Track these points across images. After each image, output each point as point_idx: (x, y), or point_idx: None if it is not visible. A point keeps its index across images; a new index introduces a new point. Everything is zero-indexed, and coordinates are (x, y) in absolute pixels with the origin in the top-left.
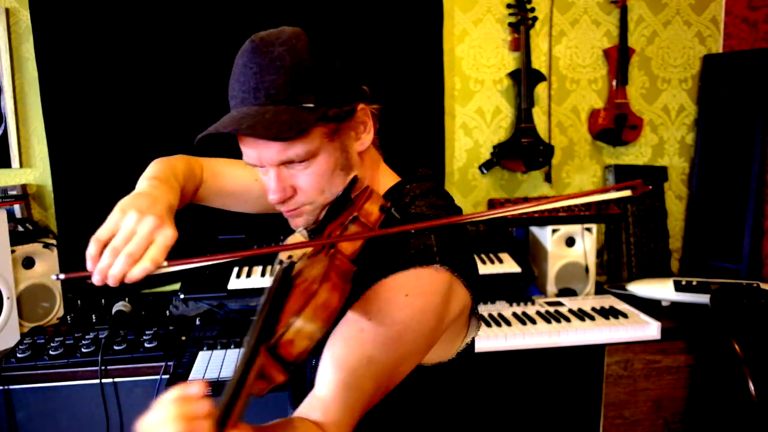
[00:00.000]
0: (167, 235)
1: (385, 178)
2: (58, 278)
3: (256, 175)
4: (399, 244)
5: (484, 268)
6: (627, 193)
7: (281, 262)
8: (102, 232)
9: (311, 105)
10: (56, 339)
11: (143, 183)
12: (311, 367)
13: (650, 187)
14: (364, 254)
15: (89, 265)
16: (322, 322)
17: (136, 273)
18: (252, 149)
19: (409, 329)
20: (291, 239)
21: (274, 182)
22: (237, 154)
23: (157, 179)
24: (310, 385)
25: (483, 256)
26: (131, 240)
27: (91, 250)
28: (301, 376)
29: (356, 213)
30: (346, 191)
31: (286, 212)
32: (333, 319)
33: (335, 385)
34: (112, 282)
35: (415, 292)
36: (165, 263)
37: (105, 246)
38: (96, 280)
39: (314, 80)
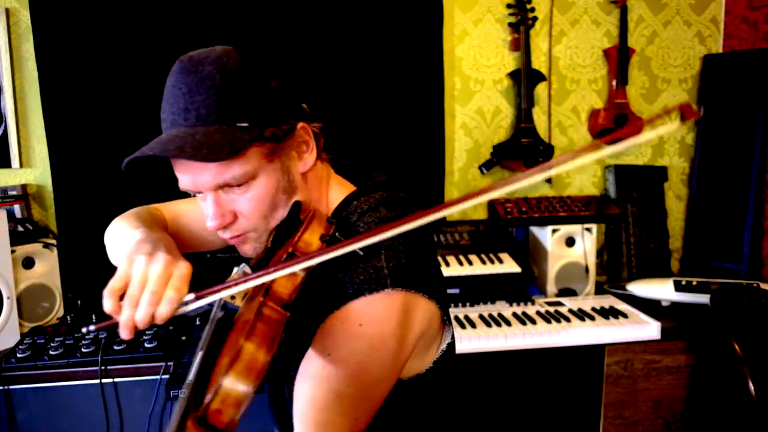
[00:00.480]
0: (182, 267)
1: (335, 194)
2: (88, 331)
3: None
4: (348, 270)
5: (484, 268)
6: (675, 125)
7: (225, 305)
8: (114, 283)
9: (245, 124)
10: (56, 339)
11: (133, 234)
12: (288, 389)
13: (700, 112)
14: (310, 285)
15: (113, 318)
16: (249, 383)
17: (163, 311)
18: (186, 174)
19: (370, 357)
20: (233, 275)
21: (212, 208)
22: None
23: (143, 227)
24: (290, 404)
25: (483, 256)
26: (148, 282)
27: (108, 306)
28: (280, 396)
29: (291, 249)
30: (289, 217)
31: (230, 240)
32: (261, 378)
33: (309, 425)
34: (141, 327)
35: (369, 320)
36: (191, 295)
37: (121, 297)
38: (124, 334)
39: (247, 99)
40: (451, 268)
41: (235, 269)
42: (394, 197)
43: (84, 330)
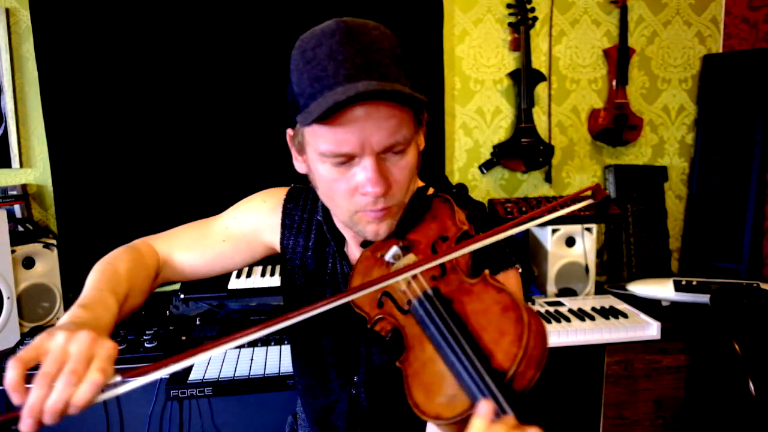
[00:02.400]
0: (107, 346)
1: (419, 184)
2: None
3: (223, 234)
4: (479, 252)
5: None
6: (587, 201)
7: (424, 294)
8: (25, 353)
9: (410, 85)
10: None
11: (67, 315)
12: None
13: (607, 192)
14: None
15: (14, 398)
16: (542, 348)
17: (82, 395)
18: (357, 133)
19: None
20: (400, 262)
21: (374, 172)
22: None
23: (83, 307)
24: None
25: None
26: (67, 360)
27: (11, 375)
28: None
29: (465, 227)
30: (422, 198)
31: (375, 212)
32: (547, 342)
33: None
34: (49, 418)
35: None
36: (117, 377)
37: (27, 369)
38: (26, 425)
39: (407, 69)
40: None
41: (390, 253)
42: (464, 189)
43: None
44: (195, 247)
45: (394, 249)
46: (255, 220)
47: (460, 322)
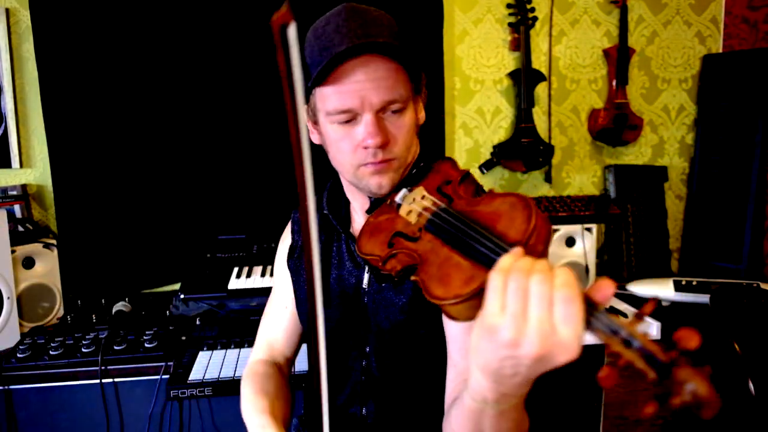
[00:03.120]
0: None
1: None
2: None
3: (283, 304)
4: None
5: None
6: None
7: (439, 208)
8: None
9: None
10: (56, 339)
11: None
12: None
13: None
14: None
15: None
16: (546, 230)
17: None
18: (357, 91)
19: None
20: (408, 197)
21: (372, 126)
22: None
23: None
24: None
25: None
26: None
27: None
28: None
29: (467, 170)
30: (425, 159)
31: (376, 164)
32: (550, 223)
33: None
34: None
35: None
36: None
37: None
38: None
39: (404, 44)
40: None
41: (400, 195)
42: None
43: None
44: (279, 330)
45: (403, 191)
46: (282, 264)
47: (475, 221)
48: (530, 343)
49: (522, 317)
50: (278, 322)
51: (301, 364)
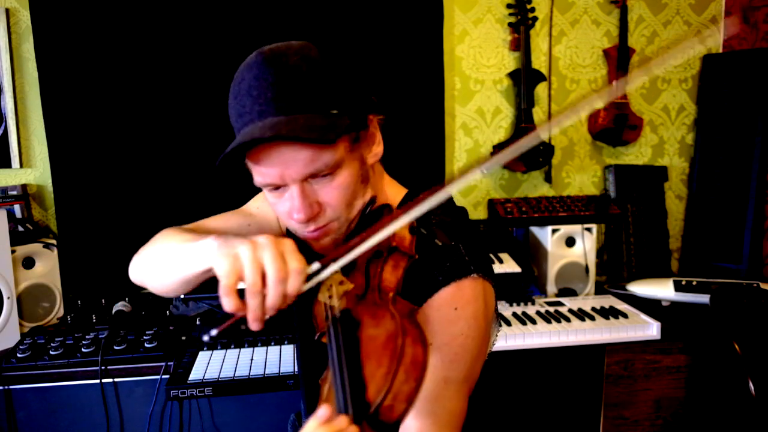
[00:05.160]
0: (288, 242)
1: (393, 190)
2: (210, 337)
3: (248, 219)
4: (433, 262)
5: None
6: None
7: (326, 306)
8: (227, 281)
9: (336, 112)
10: (56, 339)
11: (201, 243)
12: None
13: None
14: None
15: (239, 313)
16: (416, 381)
17: (293, 286)
18: (273, 167)
19: (469, 338)
20: (328, 281)
21: (298, 199)
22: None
23: (203, 235)
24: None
25: None
26: (265, 265)
27: (229, 304)
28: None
29: (394, 243)
30: (368, 211)
31: (311, 233)
32: (425, 372)
33: (426, 419)
34: (272, 312)
35: (462, 302)
36: (316, 264)
37: (237, 292)
38: (255, 326)
39: (334, 89)
40: None
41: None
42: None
43: (205, 338)
44: (224, 228)
45: (314, 266)
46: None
47: (354, 349)
48: None
49: None
50: (228, 222)
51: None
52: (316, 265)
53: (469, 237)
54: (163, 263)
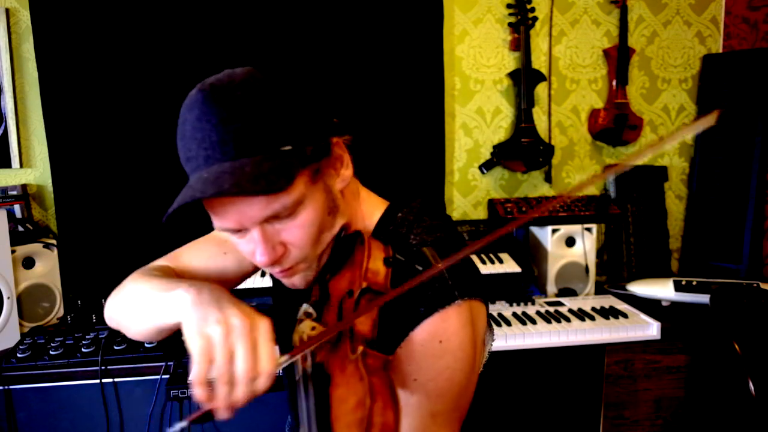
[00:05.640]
0: (263, 326)
1: (369, 208)
2: (181, 429)
3: (224, 247)
4: (413, 291)
5: (485, 268)
6: (711, 122)
7: (303, 362)
8: (199, 368)
9: (289, 148)
10: (56, 339)
11: (174, 295)
12: None
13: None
14: (381, 314)
15: (206, 405)
16: None
17: (262, 385)
18: (228, 213)
19: (456, 370)
20: (300, 327)
21: (261, 244)
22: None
23: (180, 281)
24: None
25: (483, 256)
26: (236, 358)
27: (199, 395)
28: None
29: (365, 283)
30: (339, 245)
31: (279, 273)
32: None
33: None
34: (242, 404)
35: (447, 335)
36: (284, 357)
37: (206, 382)
38: (225, 415)
39: (285, 120)
40: None
41: (302, 309)
42: (430, 203)
43: (176, 428)
44: (200, 264)
45: (304, 306)
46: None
47: (325, 410)
48: None
49: None
50: (205, 255)
51: None
52: (283, 358)
53: (453, 253)
54: (136, 311)
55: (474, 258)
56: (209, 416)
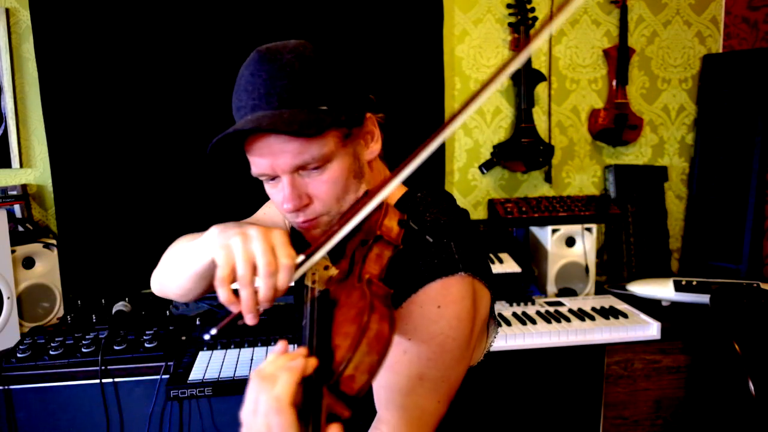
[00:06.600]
0: (279, 234)
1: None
2: (211, 336)
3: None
4: (421, 257)
5: None
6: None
7: (307, 288)
8: (221, 272)
9: (325, 108)
10: (56, 339)
11: (204, 236)
12: None
13: None
14: (388, 272)
15: (233, 308)
16: (378, 354)
17: (283, 279)
18: (264, 157)
19: (449, 338)
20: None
21: (288, 189)
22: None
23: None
24: None
25: None
26: (256, 258)
27: (222, 295)
28: None
29: (379, 232)
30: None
31: (301, 223)
32: (389, 348)
33: (395, 412)
34: (266, 305)
35: (446, 301)
36: (301, 256)
37: (231, 283)
38: (250, 320)
39: (325, 86)
40: None
41: (299, 257)
42: (446, 193)
43: (206, 337)
44: None
45: (300, 257)
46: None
47: (326, 324)
48: None
49: (252, 418)
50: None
51: None
52: (301, 257)
53: (464, 237)
54: (175, 265)
55: None
56: (236, 322)
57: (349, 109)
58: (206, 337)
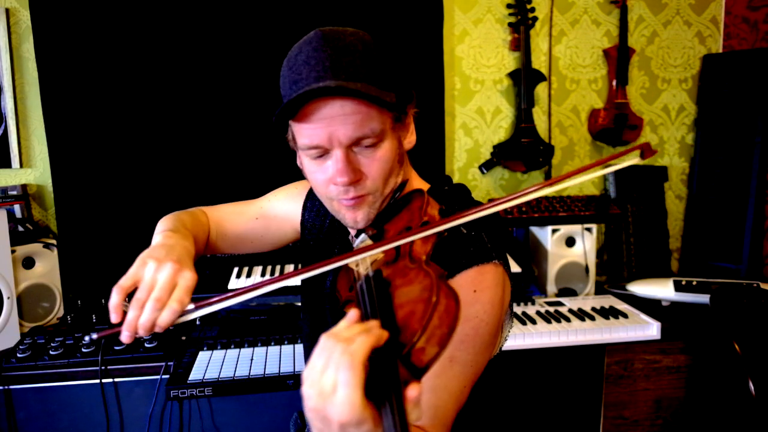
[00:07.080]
0: (187, 277)
1: (417, 182)
2: (91, 340)
3: (257, 213)
4: (456, 246)
5: None
6: (635, 159)
7: (352, 271)
8: (123, 282)
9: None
10: (56, 339)
11: (157, 237)
12: None
13: (657, 151)
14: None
15: (113, 317)
16: (448, 327)
17: (164, 318)
18: (324, 128)
19: (483, 322)
20: (358, 245)
21: (342, 163)
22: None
23: (168, 230)
24: None
25: None
26: (154, 288)
27: (114, 299)
28: None
29: (426, 218)
30: (401, 192)
31: (348, 200)
32: (458, 322)
33: (423, 394)
34: (143, 332)
35: (482, 286)
36: (191, 305)
37: (126, 294)
38: (125, 337)
39: (381, 68)
40: None
41: (357, 240)
42: (462, 186)
43: (86, 339)
44: (232, 221)
45: (362, 236)
46: (287, 204)
47: (387, 302)
48: (308, 397)
49: (319, 374)
50: (238, 220)
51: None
52: (190, 306)
53: (493, 230)
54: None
55: None
56: (116, 336)
57: (400, 96)
58: (86, 339)
